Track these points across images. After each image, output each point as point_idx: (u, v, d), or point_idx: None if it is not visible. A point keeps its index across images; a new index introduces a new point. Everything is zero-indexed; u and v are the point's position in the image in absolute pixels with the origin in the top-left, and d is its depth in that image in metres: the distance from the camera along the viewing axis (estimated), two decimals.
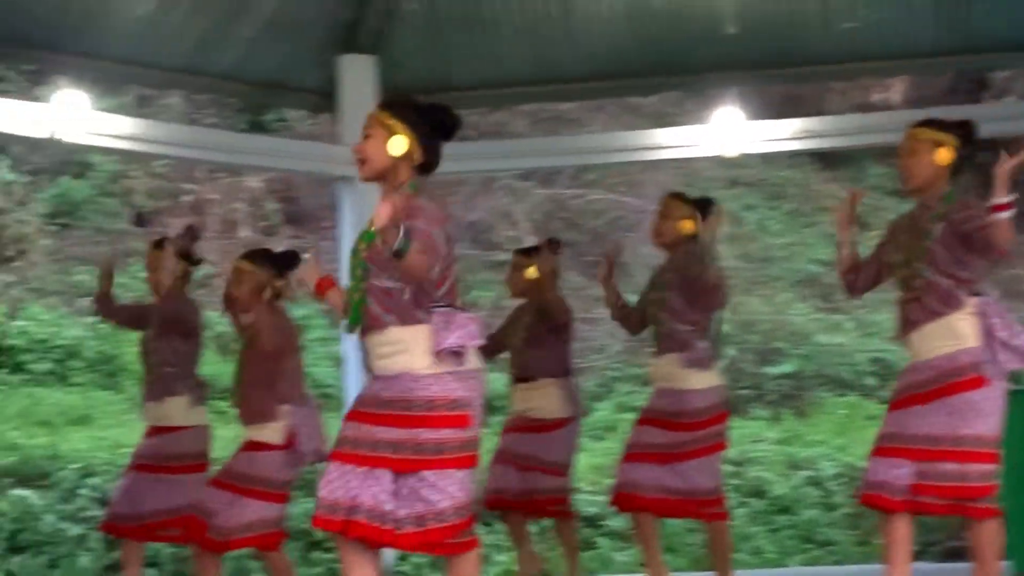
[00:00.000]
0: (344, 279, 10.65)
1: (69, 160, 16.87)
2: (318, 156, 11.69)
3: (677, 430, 7.47)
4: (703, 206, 7.79)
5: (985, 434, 5.86)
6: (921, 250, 5.98)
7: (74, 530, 11.11)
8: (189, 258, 8.32)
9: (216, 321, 15.66)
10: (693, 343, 7.47)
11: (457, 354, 5.14)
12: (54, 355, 14.37)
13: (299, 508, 12.09)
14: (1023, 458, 8.44)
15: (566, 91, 12.17)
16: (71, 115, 9.70)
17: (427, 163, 5.40)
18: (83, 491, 11.46)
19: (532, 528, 9.07)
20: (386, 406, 5.17)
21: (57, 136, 9.70)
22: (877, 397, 15.76)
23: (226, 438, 8.48)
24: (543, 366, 8.32)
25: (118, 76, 11.09)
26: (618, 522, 12.68)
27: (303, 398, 7.42)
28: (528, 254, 8.62)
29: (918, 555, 12.29)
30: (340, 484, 5.18)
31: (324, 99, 11.57)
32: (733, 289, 17.05)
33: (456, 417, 5.12)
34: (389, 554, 10.53)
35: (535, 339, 8.34)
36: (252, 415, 7.42)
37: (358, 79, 11.10)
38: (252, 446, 7.42)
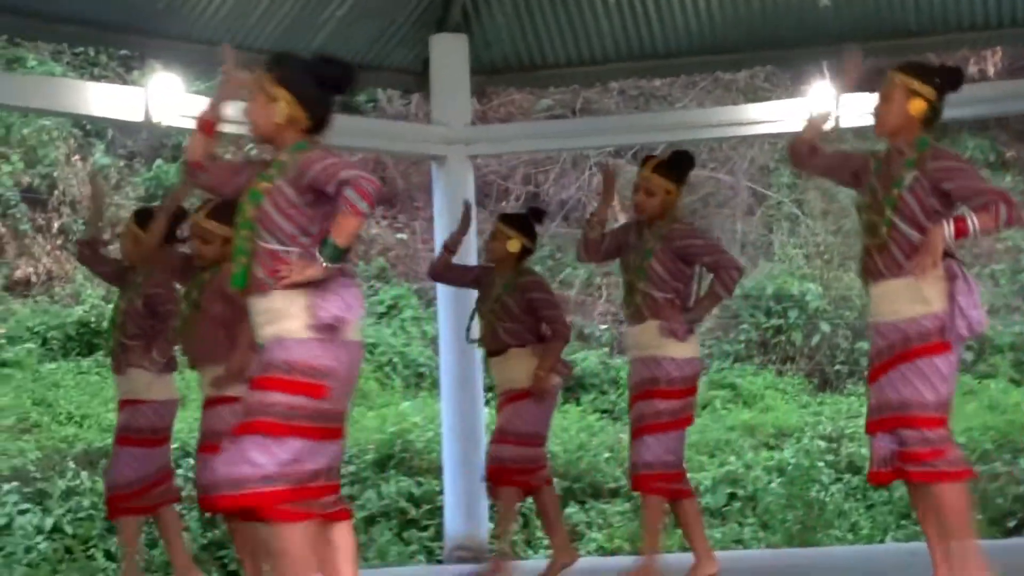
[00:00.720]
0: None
1: (163, 143, 17.02)
2: (411, 136, 11.73)
3: (648, 398, 7.23)
4: (681, 167, 7.55)
5: (945, 398, 5.64)
6: (891, 198, 5.75)
7: None
8: (173, 236, 7.99)
9: None
10: (672, 312, 7.26)
11: (333, 326, 4.93)
12: None
13: (393, 487, 12.20)
14: None
15: (657, 67, 12.12)
16: (165, 98, 9.76)
17: (316, 123, 5.17)
18: (180, 471, 11.56)
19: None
20: (265, 369, 4.98)
21: (152, 120, 9.77)
22: (973, 371, 15.63)
23: None
24: (513, 337, 8.08)
25: (210, 59, 11.12)
26: (712, 499, 12.67)
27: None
28: (512, 223, 8.35)
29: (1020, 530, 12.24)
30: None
31: (416, 79, 11.61)
32: (828, 264, 17.22)
33: (313, 385, 4.92)
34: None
35: (506, 311, 8.09)
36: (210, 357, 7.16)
37: (450, 58, 11.11)
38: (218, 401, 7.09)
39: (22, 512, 10.96)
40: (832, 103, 10.63)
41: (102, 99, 9.72)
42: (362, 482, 12.21)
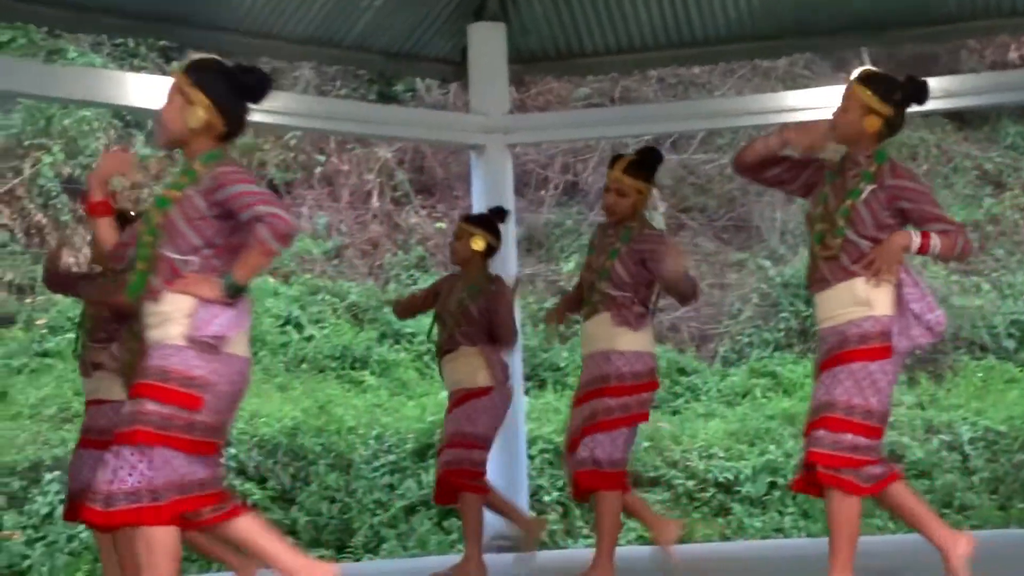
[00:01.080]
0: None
1: None
2: (449, 125, 11.73)
3: (599, 396, 7.07)
4: (651, 165, 7.36)
5: (875, 408, 5.50)
6: (844, 209, 5.63)
7: None
8: None
9: (348, 290, 15.83)
10: (628, 306, 7.09)
11: (211, 343, 4.84)
12: None
13: (432, 477, 12.21)
14: None
15: (696, 55, 12.08)
16: None
17: (230, 131, 5.12)
18: (221, 461, 11.61)
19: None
20: (143, 375, 4.89)
21: None
22: (1016, 360, 15.56)
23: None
24: (467, 338, 7.95)
25: (249, 49, 11.16)
26: (752, 488, 12.65)
27: None
28: (475, 222, 8.26)
29: None
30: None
31: (454, 68, 11.61)
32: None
33: (187, 396, 4.81)
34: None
35: (465, 315, 7.96)
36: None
37: (488, 47, 11.10)
38: None
39: (63, 501, 11.03)
40: None
41: (142, 90, 9.73)
42: (402, 471, 12.22)
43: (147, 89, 9.78)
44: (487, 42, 11.11)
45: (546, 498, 12.15)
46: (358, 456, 12.12)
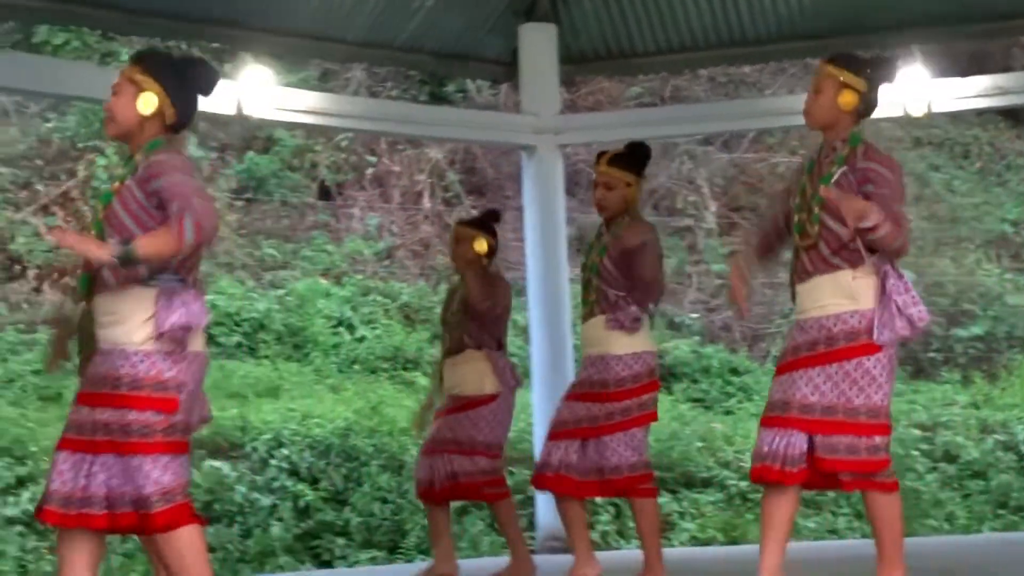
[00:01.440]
0: (530, 250, 10.74)
1: (254, 135, 17.12)
2: (501, 125, 11.72)
3: (599, 401, 7.02)
4: (639, 159, 7.28)
5: (879, 404, 5.40)
6: (818, 196, 5.50)
7: (266, 500, 11.30)
8: None
9: (399, 291, 15.86)
10: (622, 306, 7.03)
11: (178, 337, 4.82)
12: (243, 328, 14.61)
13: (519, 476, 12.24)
14: None
15: (747, 54, 12.00)
16: (256, 91, 9.82)
17: (180, 121, 5.09)
18: (274, 462, 11.66)
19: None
20: (99, 384, 4.86)
21: (243, 112, 9.83)
22: None
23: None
24: (472, 338, 7.86)
25: (301, 51, 11.20)
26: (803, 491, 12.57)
27: None
28: (473, 225, 8.17)
29: None
30: (71, 475, 4.85)
31: (505, 68, 11.60)
32: (921, 250, 17.05)
33: (163, 400, 4.81)
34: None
35: (470, 313, 7.87)
36: None
37: (539, 48, 11.09)
38: None
39: None
40: (922, 88, 10.59)
41: None
42: None
43: None
44: (538, 43, 11.09)
45: (598, 498, 12.13)
46: (410, 457, 12.13)
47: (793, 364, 5.54)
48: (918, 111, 10.65)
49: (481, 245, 8.00)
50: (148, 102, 4.98)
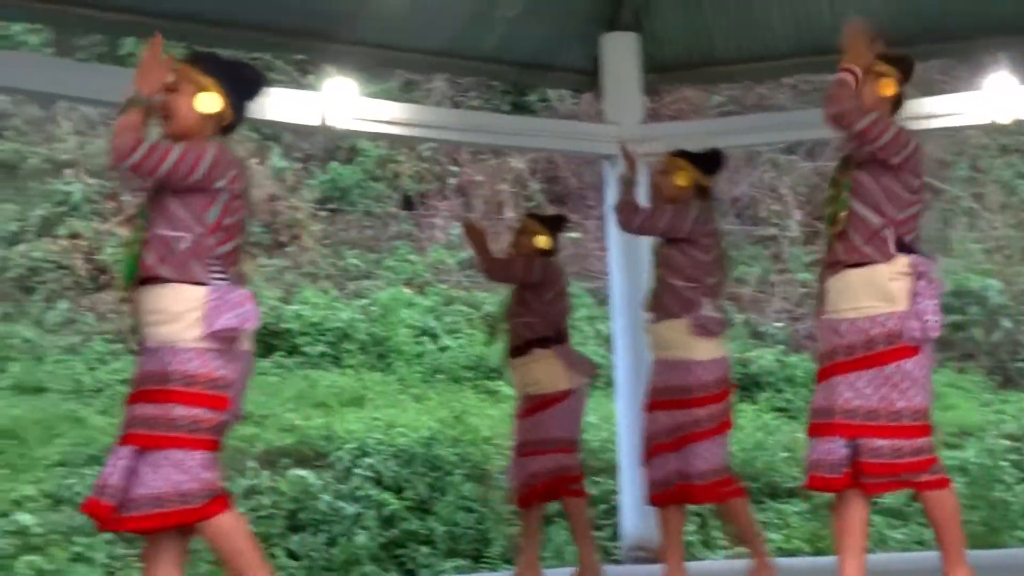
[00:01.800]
0: (613, 258, 10.73)
1: (338, 146, 17.22)
2: (583, 135, 11.69)
3: (683, 408, 6.95)
4: (708, 161, 7.32)
5: (920, 406, 5.39)
6: (847, 182, 5.56)
7: (350, 509, 11.34)
8: None
9: (483, 300, 15.87)
10: (698, 305, 6.98)
11: (229, 336, 4.88)
12: (328, 338, 14.68)
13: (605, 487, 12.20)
14: None
15: (830, 62, 11.83)
16: (340, 102, 9.88)
17: (232, 123, 5.22)
18: (358, 471, 11.70)
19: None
20: (146, 381, 4.92)
21: (327, 123, 9.88)
22: None
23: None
24: (535, 334, 7.86)
25: (384, 62, 11.23)
26: (889, 500, 12.49)
27: None
28: (539, 220, 8.26)
29: None
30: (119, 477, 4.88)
31: (587, 78, 11.57)
32: (1008, 259, 16.90)
33: (214, 397, 4.87)
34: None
35: (524, 306, 7.93)
36: None
37: (621, 57, 11.07)
38: None
39: None
40: (1010, 95, 10.48)
41: (279, 104, 9.84)
42: None
43: (284, 103, 9.89)
44: (620, 52, 11.07)
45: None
46: (493, 466, 12.14)
47: (833, 369, 5.52)
48: (1007, 118, 10.55)
49: (542, 241, 8.03)
50: (211, 102, 5.08)
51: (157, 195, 5.00)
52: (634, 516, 10.52)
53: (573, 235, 17.41)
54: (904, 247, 5.50)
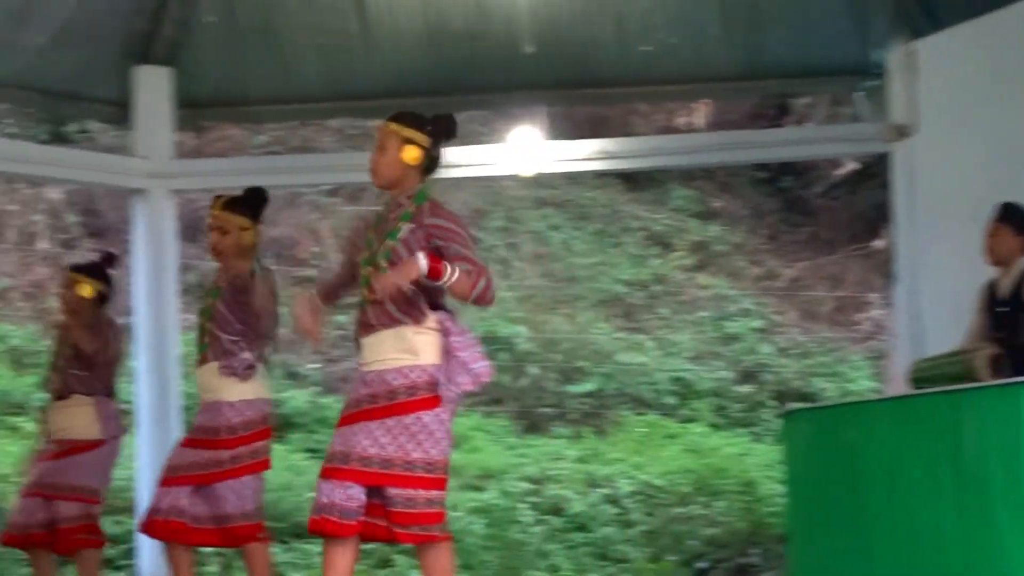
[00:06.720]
0: (139, 296, 10.58)
1: None
2: (113, 168, 11.52)
3: (212, 448, 6.99)
4: (256, 204, 7.29)
5: (437, 459, 5.56)
6: (386, 250, 5.66)
7: None
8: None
9: (10, 334, 15.42)
10: (235, 352, 7.03)
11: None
12: None
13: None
14: (809, 476, 8.53)
15: (363, 108, 11.98)
16: None
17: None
18: None
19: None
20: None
21: None
22: (676, 416, 15.97)
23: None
24: (81, 383, 7.90)
25: None
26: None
27: None
28: (82, 271, 8.17)
29: (706, 572, 12.49)
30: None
31: (119, 110, 11.36)
32: (538, 308, 17.41)
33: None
34: None
35: (79, 357, 7.90)
36: None
37: (153, 90, 10.97)
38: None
39: None
40: (535, 149, 10.83)
41: None
42: None
43: None
44: (152, 85, 10.96)
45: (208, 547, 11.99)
46: (8, 505, 11.80)
47: (355, 416, 5.62)
48: (528, 171, 10.91)
49: (85, 290, 7.89)
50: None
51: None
52: (153, 557, 10.37)
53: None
54: (434, 305, 5.64)
